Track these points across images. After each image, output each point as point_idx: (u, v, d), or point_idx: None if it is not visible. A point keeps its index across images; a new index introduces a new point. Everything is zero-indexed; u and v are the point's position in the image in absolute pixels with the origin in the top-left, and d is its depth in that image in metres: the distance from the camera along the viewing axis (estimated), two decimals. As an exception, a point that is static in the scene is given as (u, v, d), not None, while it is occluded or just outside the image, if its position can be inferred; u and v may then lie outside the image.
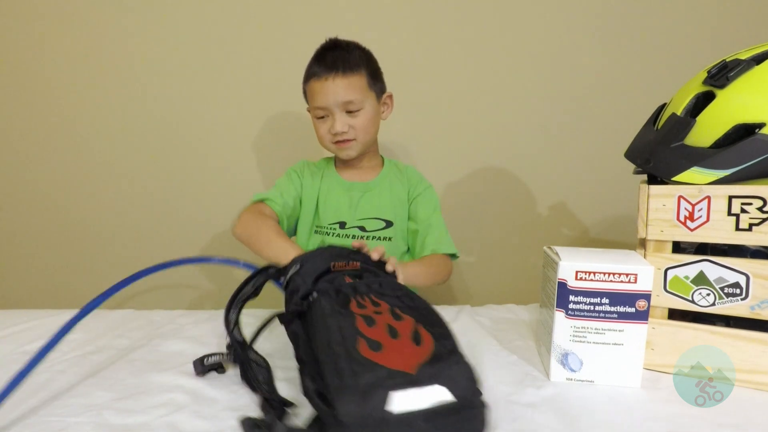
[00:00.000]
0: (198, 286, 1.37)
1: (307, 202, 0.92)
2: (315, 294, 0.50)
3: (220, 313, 0.77)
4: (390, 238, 0.91)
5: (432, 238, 0.89)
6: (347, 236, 0.90)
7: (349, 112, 0.83)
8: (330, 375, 0.40)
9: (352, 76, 0.82)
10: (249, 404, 0.50)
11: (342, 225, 0.90)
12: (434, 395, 0.39)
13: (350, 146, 0.86)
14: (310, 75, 0.85)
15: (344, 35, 0.90)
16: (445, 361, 0.42)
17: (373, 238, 0.90)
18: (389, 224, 0.91)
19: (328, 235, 0.90)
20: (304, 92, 0.89)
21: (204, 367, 0.58)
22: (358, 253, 0.59)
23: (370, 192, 0.92)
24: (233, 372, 0.58)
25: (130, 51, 1.26)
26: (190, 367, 0.58)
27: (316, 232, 0.92)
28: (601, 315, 0.52)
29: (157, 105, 1.28)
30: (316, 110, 0.85)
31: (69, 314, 0.76)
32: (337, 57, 0.83)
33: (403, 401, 0.38)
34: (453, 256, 0.90)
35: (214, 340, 0.67)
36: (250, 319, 0.75)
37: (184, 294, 1.37)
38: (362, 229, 0.90)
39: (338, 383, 0.39)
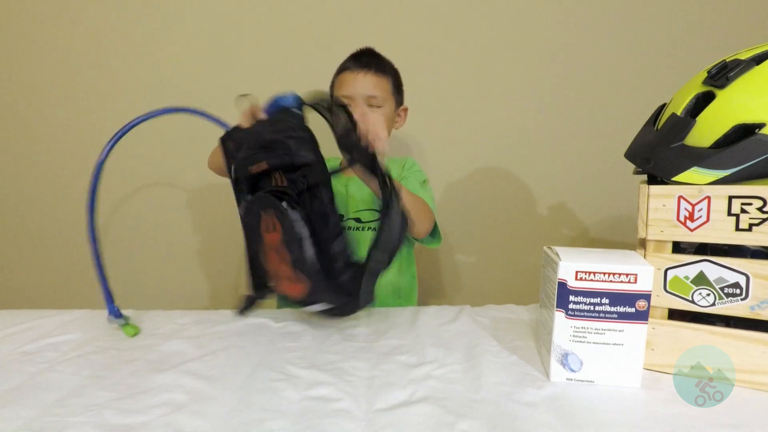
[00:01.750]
0: (197, 285, 1.37)
1: None
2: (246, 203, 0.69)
3: (220, 314, 0.78)
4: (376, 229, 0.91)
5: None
6: (344, 228, 0.91)
7: (370, 106, 0.91)
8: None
9: (380, 77, 0.92)
10: (249, 404, 0.50)
11: (340, 218, 0.92)
12: (320, 306, 0.67)
13: None
14: (344, 69, 0.94)
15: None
16: (320, 293, 0.65)
17: (368, 228, 0.91)
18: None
19: None
20: (332, 84, 0.96)
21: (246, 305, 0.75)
22: (269, 150, 0.65)
23: (364, 187, 0.93)
24: (234, 370, 0.58)
25: (133, 51, 1.26)
26: (190, 367, 0.59)
27: None
28: (601, 315, 0.52)
29: (161, 103, 1.28)
30: (342, 98, 0.92)
31: (69, 314, 0.77)
32: (371, 60, 0.93)
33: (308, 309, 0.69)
34: (435, 233, 0.88)
35: (214, 340, 0.67)
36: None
37: (183, 294, 1.37)
38: (358, 220, 0.93)
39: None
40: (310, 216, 0.64)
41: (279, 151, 0.64)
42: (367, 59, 0.93)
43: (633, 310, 0.51)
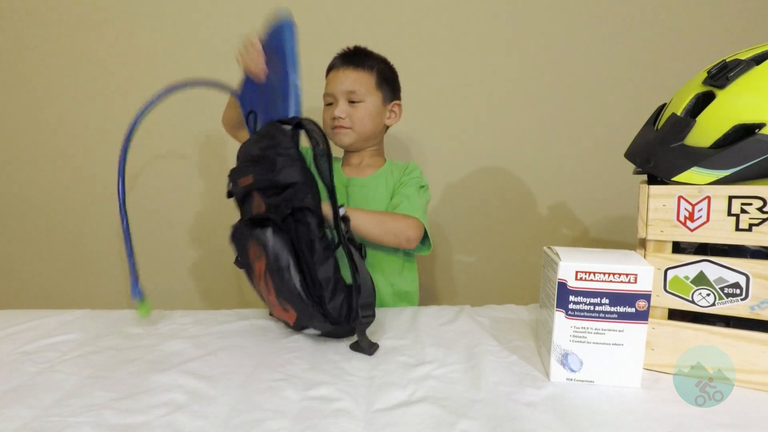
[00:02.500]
0: (197, 285, 1.37)
1: None
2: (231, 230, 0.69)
3: (220, 313, 0.78)
4: None
5: (403, 205, 0.86)
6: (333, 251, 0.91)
7: (351, 102, 0.91)
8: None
9: (361, 72, 0.92)
10: (249, 404, 0.51)
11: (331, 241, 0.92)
12: (313, 330, 0.67)
13: (345, 133, 0.93)
14: (330, 68, 0.96)
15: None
16: (308, 320, 0.64)
17: None
18: None
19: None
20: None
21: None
22: (257, 164, 0.65)
23: (365, 188, 0.93)
24: (234, 370, 0.58)
25: (129, 51, 1.26)
26: (190, 367, 0.59)
27: None
28: (601, 315, 0.52)
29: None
30: (326, 97, 0.94)
31: (69, 314, 0.77)
32: (354, 56, 0.94)
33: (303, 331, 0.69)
34: (425, 241, 0.87)
35: (214, 340, 0.67)
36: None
37: (183, 294, 1.37)
38: None
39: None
40: (294, 243, 0.62)
41: (265, 166, 0.63)
42: (350, 56, 0.93)
43: (633, 310, 0.51)
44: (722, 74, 0.52)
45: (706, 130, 0.52)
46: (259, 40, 0.76)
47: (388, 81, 0.96)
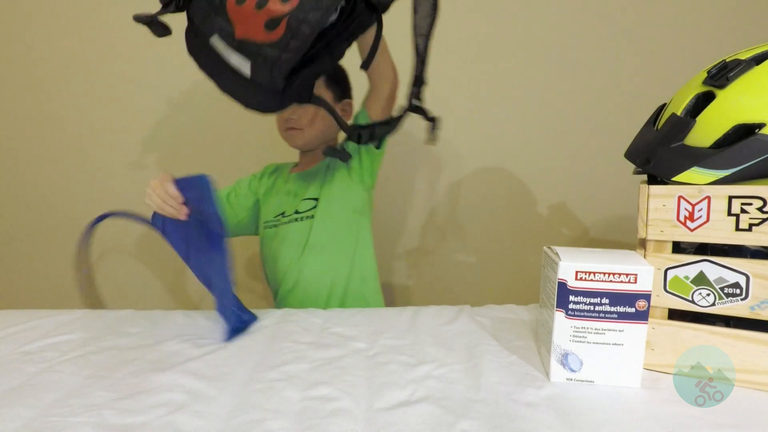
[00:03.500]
0: (198, 286, 1.37)
1: (262, 201, 1.00)
2: None
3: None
4: (312, 216, 0.92)
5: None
6: (288, 223, 0.93)
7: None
8: None
9: None
10: (249, 404, 0.51)
11: (283, 214, 0.94)
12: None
13: (296, 135, 0.93)
14: None
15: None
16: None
17: (306, 218, 0.92)
18: (316, 201, 0.93)
19: (276, 227, 0.95)
20: None
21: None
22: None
23: (306, 178, 0.96)
24: (234, 370, 0.58)
25: (129, 49, 1.27)
26: (190, 367, 0.59)
27: (264, 227, 0.97)
28: (601, 315, 0.52)
29: (156, 104, 1.28)
30: None
31: (69, 314, 0.77)
32: None
33: None
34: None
35: (214, 340, 0.67)
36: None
37: (183, 294, 1.37)
38: (296, 212, 0.93)
39: None
40: None
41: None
42: None
43: (633, 310, 0.51)
44: (722, 74, 0.52)
45: (706, 130, 0.52)
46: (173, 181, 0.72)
47: (338, 80, 0.96)
